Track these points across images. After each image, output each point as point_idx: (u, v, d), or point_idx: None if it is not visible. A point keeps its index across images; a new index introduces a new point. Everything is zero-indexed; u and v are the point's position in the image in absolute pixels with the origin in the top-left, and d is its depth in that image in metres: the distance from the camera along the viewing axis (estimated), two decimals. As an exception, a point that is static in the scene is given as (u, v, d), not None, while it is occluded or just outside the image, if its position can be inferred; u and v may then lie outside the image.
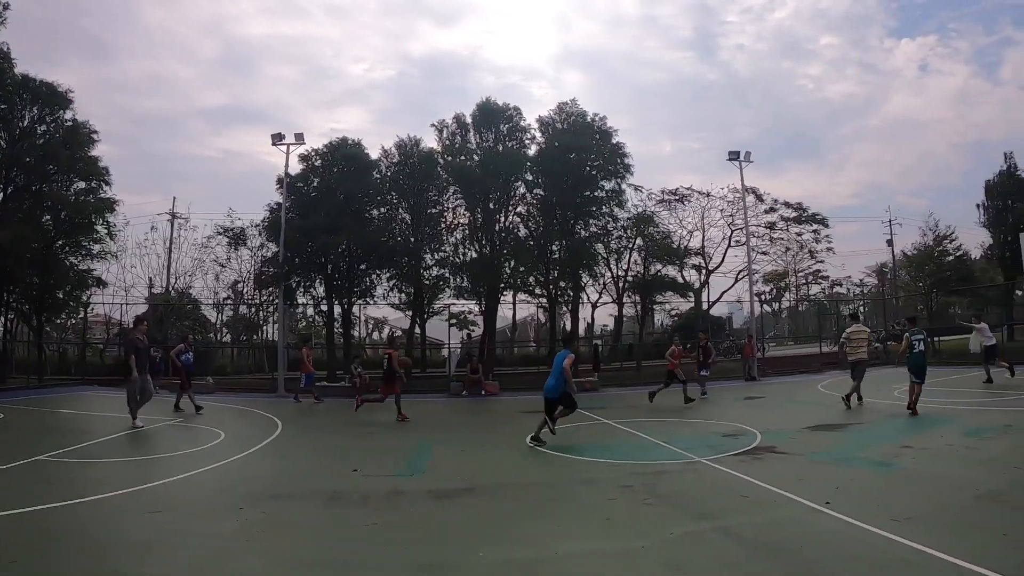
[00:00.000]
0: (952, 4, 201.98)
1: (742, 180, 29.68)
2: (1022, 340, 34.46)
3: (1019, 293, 63.14)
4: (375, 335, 51.40)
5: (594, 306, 37.23)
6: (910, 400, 12.87)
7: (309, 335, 36.94)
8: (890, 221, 54.66)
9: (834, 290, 62.13)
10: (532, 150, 30.21)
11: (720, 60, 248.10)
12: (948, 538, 5.22)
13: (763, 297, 54.37)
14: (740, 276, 35.17)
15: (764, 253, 36.08)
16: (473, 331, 46.00)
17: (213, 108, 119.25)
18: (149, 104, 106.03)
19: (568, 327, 32.23)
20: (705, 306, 38.00)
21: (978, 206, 39.36)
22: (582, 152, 29.11)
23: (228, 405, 19.65)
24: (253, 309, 39.99)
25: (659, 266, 34.06)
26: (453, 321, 31.22)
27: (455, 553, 5.59)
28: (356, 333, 41.39)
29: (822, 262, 58.84)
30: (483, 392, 23.91)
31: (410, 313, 32.69)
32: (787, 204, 35.60)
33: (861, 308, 64.05)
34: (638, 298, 35.58)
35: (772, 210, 35.36)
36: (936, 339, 33.03)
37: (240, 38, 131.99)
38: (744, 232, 33.48)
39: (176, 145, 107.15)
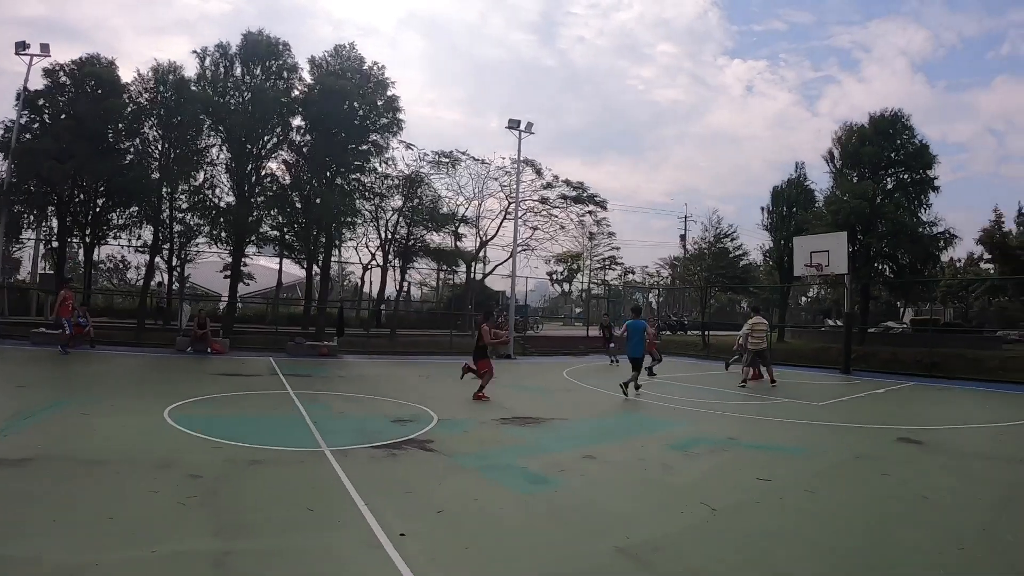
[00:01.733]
0: (788, 37, 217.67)
1: (519, 150, 28.75)
2: (791, 342, 36.36)
3: (805, 299, 67.83)
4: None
5: (365, 267, 35.53)
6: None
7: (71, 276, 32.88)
8: (685, 217, 57.13)
9: (627, 277, 64.16)
10: (304, 93, 27.74)
11: (559, 48, 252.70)
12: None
13: (555, 276, 54.77)
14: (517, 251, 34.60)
15: (535, 228, 35.56)
16: (249, 284, 43.35)
17: (33, 18, 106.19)
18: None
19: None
20: (480, 277, 37.35)
21: (762, 209, 40.94)
22: (354, 100, 27.20)
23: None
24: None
25: (423, 230, 32.75)
26: (227, 273, 29.20)
27: None
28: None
29: (617, 248, 60.85)
30: (209, 350, 21.82)
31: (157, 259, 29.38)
32: (567, 182, 35.44)
33: (653, 297, 66.60)
34: (399, 262, 33.92)
35: (550, 186, 35.06)
36: (708, 333, 34.39)
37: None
38: (522, 204, 33.00)
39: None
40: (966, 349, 26.14)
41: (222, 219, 26.76)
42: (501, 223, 34.45)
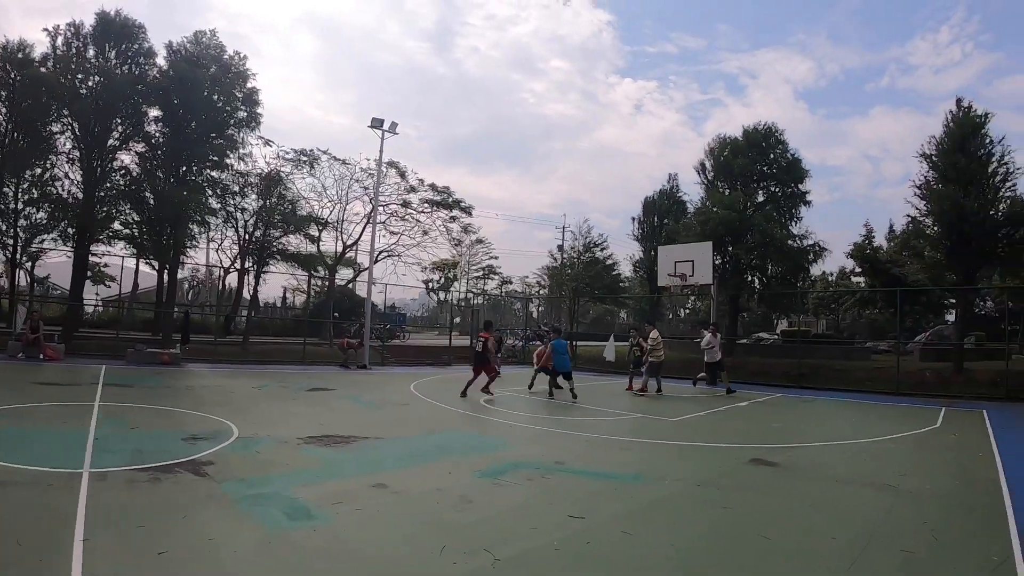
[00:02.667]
0: (678, 60, 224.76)
1: (380, 151, 27.45)
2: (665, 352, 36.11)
3: (684, 311, 68.76)
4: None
5: (225, 271, 33.45)
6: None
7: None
8: (563, 227, 56.68)
9: (504, 287, 63.72)
10: (158, 80, 25.66)
11: (454, 58, 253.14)
12: None
13: (431, 285, 53.67)
14: (380, 256, 33.27)
15: (395, 232, 34.19)
16: (109, 285, 40.42)
17: None
18: None
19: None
20: (345, 283, 35.94)
21: (634, 220, 40.91)
22: (211, 91, 25.63)
23: None
24: None
25: (279, 233, 30.98)
26: (90, 274, 27.11)
27: None
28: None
29: (496, 258, 60.29)
30: (42, 356, 19.92)
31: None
32: (432, 187, 34.33)
33: (536, 306, 66.35)
34: (255, 266, 31.95)
35: (414, 190, 33.91)
36: (577, 344, 33.93)
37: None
38: (385, 208, 32.28)
39: None
40: (836, 360, 26.54)
41: (68, 213, 24.73)
42: (364, 227, 32.70)
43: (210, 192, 27.42)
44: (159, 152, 26.14)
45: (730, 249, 29.76)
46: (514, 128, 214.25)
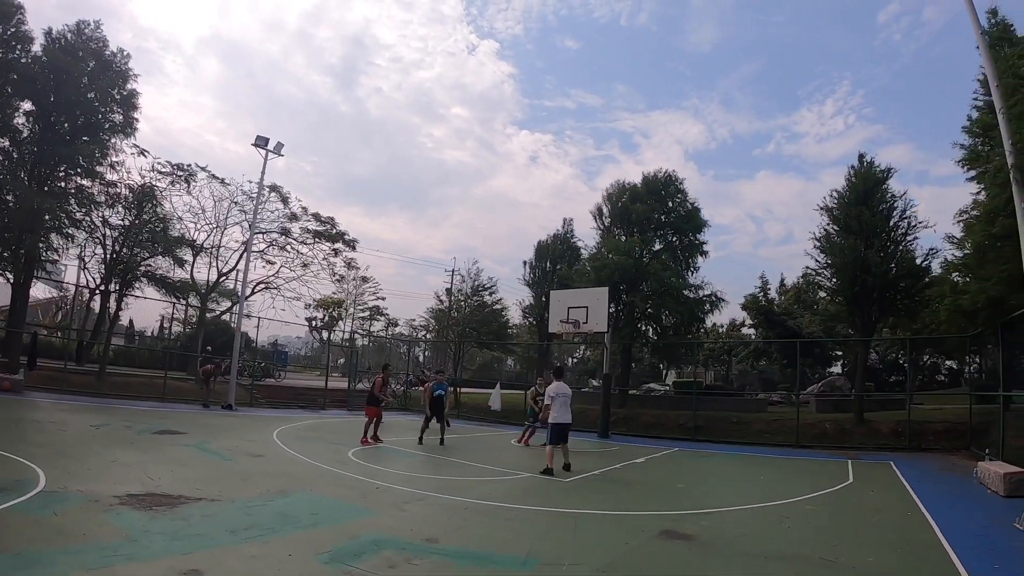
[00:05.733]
0: (576, 116, 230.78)
1: (263, 172, 25.39)
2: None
3: (572, 359, 67.93)
4: None
5: (91, 292, 30.28)
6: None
7: None
8: (452, 271, 55.15)
9: (390, 329, 61.56)
10: (29, 68, 22.87)
11: (356, 96, 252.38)
12: None
13: (315, 323, 50.99)
14: (257, 288, 30.85)
15: (271, 262, 31.96)
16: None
17: None
18: None
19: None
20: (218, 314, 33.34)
21: (525, 264, 39.55)
22: (89, 90, 23.31)
23: None
24: None
25: (147, 253, 27.99)
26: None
27: None
28: None
29: (383, 299, 58.18)
30: None
31: None
32: (316, 216, 32.39)
33: (422, 350, 64.30)
34: (118, 288, 28.50)
35: (295, 218, 31.82)
36: (460, 390, 32.20)
37: None
38: (265, 236, 30.28)
39: None
40: (731, 412, 25.65)
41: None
42: (242, 255, 30.00)
43: (75, 202, 24.60)
44: (25, 150, 23.43)
45: (624, 297, 28.71)
46: (410, 171, 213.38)
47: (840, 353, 41.55)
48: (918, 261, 22.62)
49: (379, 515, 7.84)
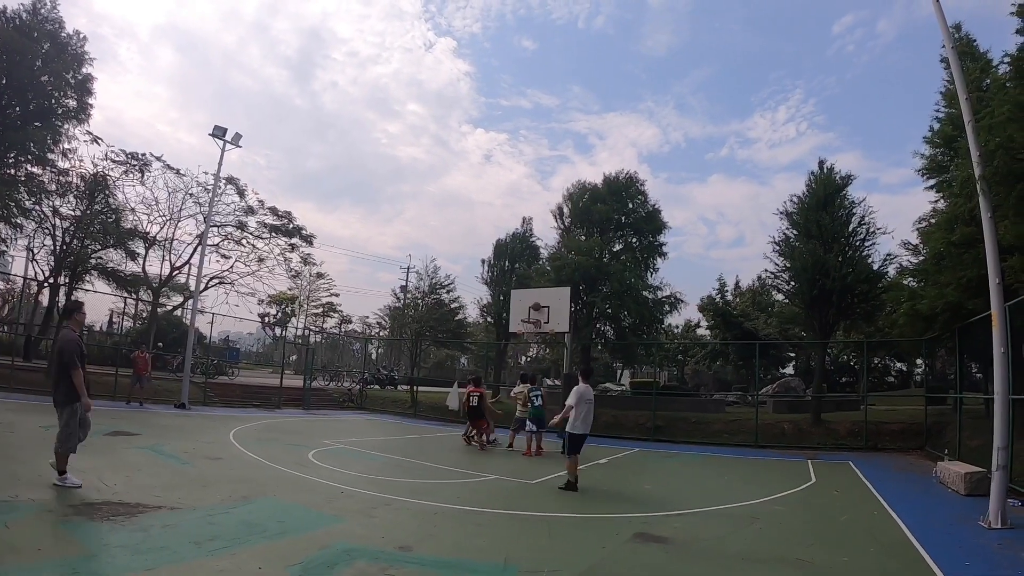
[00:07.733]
0: (531, 115, 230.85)
1: (220, 163, 24.75)
2: (506, 402, 34.44)
3: (525, 359, 67.77)
4: None
5: (40, 285, 29.34)
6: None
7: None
8: (408, 268, 54.76)
9: (344, 326, 60.99)
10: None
11: (311, 90, 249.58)
12: None
13: (267, 319, 50.08)
14: (210, 283, 30.17)
15: (226, 256, 31.16)
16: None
17: None
18: None
19: None
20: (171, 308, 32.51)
21: (483, 262, 39.11)
22: (43, 72, 22.42)
23: None
24: None
25: (98, 246, 27.09)
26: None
27: None
28: None
29: (337, 295, 57.55)
30: None
31: None
32: (273, 210, 31.73)
33: (375, 348, 63.73)
34: (67, 280, 27.54)
35: (252, 211, 31.15)
36: (417, 389, 31.95)
37: None
38: (220, 230, 29.67)
39: None
40: (690, 412, 25.73)
41: None
42: (195, 249, 29.26)
43: (24, 190, 23.65)
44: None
45: (583, 297, 28.67)
46: (364, 167, 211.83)
47: (793, 355, 42.10)
48: (875, 267, 22.95)
49: (348, 522, 7.52)
